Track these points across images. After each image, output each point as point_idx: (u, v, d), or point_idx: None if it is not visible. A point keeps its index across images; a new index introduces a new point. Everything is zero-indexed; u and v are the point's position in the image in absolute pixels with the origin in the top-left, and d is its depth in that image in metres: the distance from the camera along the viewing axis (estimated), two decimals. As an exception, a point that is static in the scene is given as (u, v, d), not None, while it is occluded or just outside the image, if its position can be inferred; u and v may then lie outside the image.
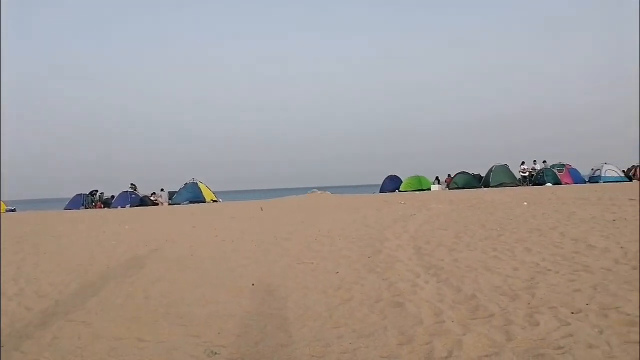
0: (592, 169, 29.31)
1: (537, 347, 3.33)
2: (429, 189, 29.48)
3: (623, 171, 28.55)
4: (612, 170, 28.15)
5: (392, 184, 31.85)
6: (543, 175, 28.05)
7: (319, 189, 33.67)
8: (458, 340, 3.57)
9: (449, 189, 29.20)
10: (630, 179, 27.55)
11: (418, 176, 30.96)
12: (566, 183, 27.34)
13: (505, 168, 29.44)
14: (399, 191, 29.80)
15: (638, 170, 28.07)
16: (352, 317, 4.41)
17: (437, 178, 31.58)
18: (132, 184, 29.65)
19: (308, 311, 4.68)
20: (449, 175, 31.44)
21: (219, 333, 4.22)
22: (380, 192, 31.06)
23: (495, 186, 27.65)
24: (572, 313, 4.00)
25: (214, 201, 29.14)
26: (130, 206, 27.34)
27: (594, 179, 28.05)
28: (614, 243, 6.98)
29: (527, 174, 29.31)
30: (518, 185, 28.01)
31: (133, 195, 28.63)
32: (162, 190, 30.08)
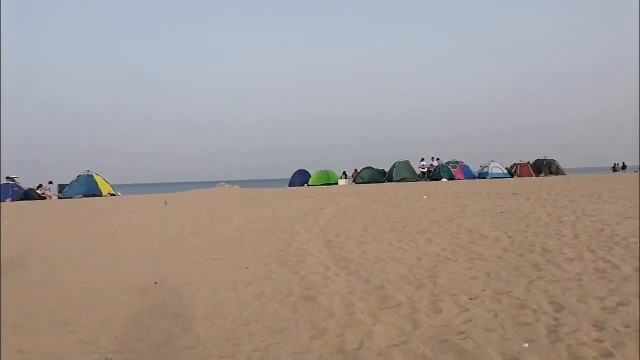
0: (481, 166, 32.16)
1: (441, 334, 3.48)
2: (337, 183, 30.22)
3: (506, 168, 31.73)
4: (497, 167, 31.15)
5: (301, 178, 32.12)
6: (439, 171, 30.16)
7: (228, 182, 32.90)
8: (369, 331, 3.61)
9: (356, 183, 30.18)
10: (512, 175, 30.71)
11: (326, 171, 31.59)
12: (459, 178, 29.68)
13: (407, 164, 31.15)
14: (308, 185, 30.16)
15: (519, 167, 31.38)
16: (263, 313, 4.28)
17: (344, 173, 32.50)
18: (9, 177, 26.32)
19: (217, 309, 4.46)
20: (355, 170, 32.47)
21: (115, 338, 3.84)
22: (289, 186, 31.18)
23: (398, 181, 29.14)
24: (470, 299, 4.26)
25: (112, 195, 27.07)
26: (12, 200, 24.38)
27: (482, 175, 30.79)
28: (502, 233, 7.65)
29: (426, 169, 31.30)
30: (418, 180, 29.79)
31: (15, 188, 25.53)
32: (50, 182, 27.22)
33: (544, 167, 31.46)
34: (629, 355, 2.92)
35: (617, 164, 36.41)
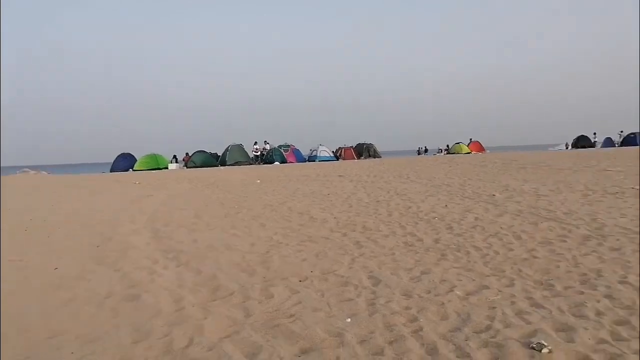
0: (311, 150, 34.00)
1: (272, 319, 3.52)
2: (167, 168, 28.63)
3: (333, 152, 34.18)
4: (325, 151, 33.34)
5: (125, 162, 29.50)
6: (272, 155, 30.93)
7: (33, 168, 28.25)
8: (199, 326, 3.46)
9: (187, 167, 29.01)
10: (338, 158, 33.25)
11: (154, 154, 29.61)
12: (291, 162, 30.90)
13: (240, 147, 31.11)
14: (134, 170, 27.89)
15: (343, 151, 34.11)
16: (75, 320, 3.75)
17: (174, 157, 30.95)
18: None
19: (15, 323, 3.74)
20: (187, 154, 31.17)
21: None
22: (111, 171, 28.32)
23: (232, 164, 28.95)
24: (300, 281, 4.42)
25: None
26: None
27: (312, 158, 32.61)
28: (329, 214, 8.18)
29: (259, 153, 31.73)
30: (252, 164, 30.06)
31: None
32: None
33: (364, 151, 34.83)
34: (430, 318, 3.37)
35: (421, 148, 42.39)
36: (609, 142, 37.62)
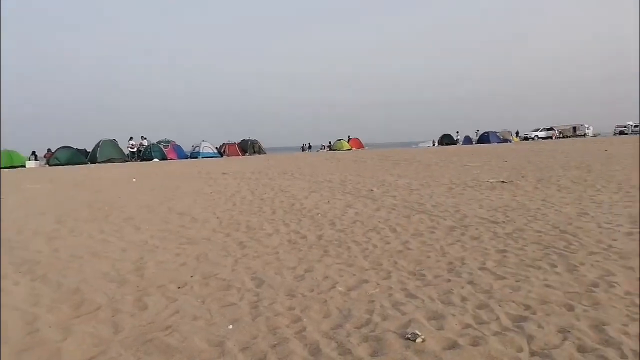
0: (193, 146, 32.67)
1: (146, 333, 3.22)
2: (24, 166, 25.28)
3: (217, 147, 33.28)
4: (208, 147, 32.31)
5: (-32, 159, 25.31)
6: (150, 151, 29.05)
7: None
8: (56, 350, 3.02)
9: (50, 165, 25.94)
10: (222, 155, 32.44)
11: (8, 150, 25.93)
12: (171, 158, 29.35)
13: (113, 143, 28.71)
14: (-20, 169, 24.07)
15: (227, 147, 33.39)
16: None
17: (34, 153, 27.50)
18: None
19: None
20: (48, 150, 27.86)
21: None
22: (-51, 170, 24.09)
23: (104, 162, 26.56)
24: (179, 288, 4.14)
25: None
26: None
27: (194, 155, 31.34)
28: (212, 213, 7.86)
29: (135, 149, 29.56)
30: (127, 161, 27.92)
31: None
32: None
33: (248, 147, 34.48)
34: (313, 317, 3.37)
35: (305, 144, 43.34)
36: (468, 140, 42.48)
